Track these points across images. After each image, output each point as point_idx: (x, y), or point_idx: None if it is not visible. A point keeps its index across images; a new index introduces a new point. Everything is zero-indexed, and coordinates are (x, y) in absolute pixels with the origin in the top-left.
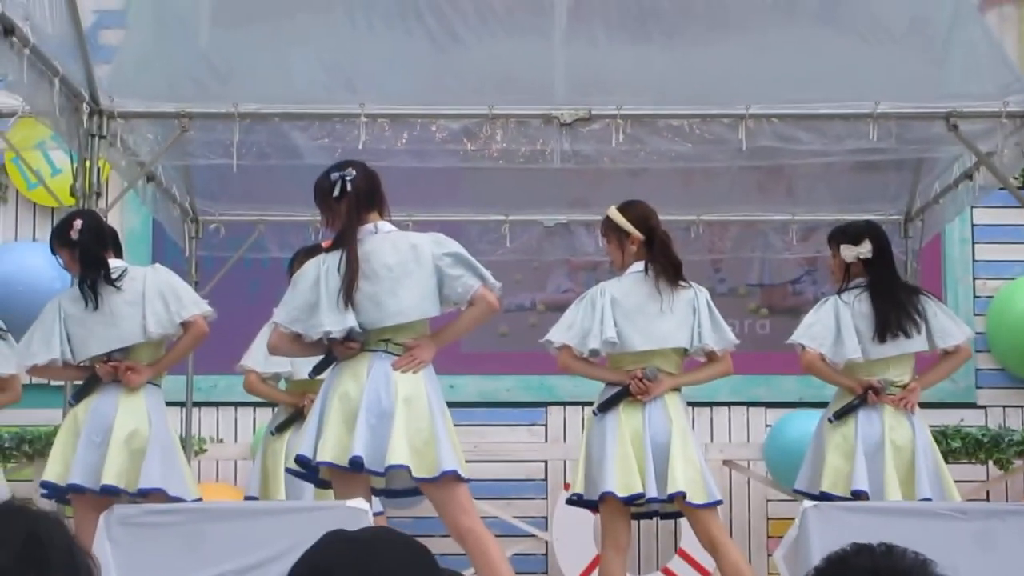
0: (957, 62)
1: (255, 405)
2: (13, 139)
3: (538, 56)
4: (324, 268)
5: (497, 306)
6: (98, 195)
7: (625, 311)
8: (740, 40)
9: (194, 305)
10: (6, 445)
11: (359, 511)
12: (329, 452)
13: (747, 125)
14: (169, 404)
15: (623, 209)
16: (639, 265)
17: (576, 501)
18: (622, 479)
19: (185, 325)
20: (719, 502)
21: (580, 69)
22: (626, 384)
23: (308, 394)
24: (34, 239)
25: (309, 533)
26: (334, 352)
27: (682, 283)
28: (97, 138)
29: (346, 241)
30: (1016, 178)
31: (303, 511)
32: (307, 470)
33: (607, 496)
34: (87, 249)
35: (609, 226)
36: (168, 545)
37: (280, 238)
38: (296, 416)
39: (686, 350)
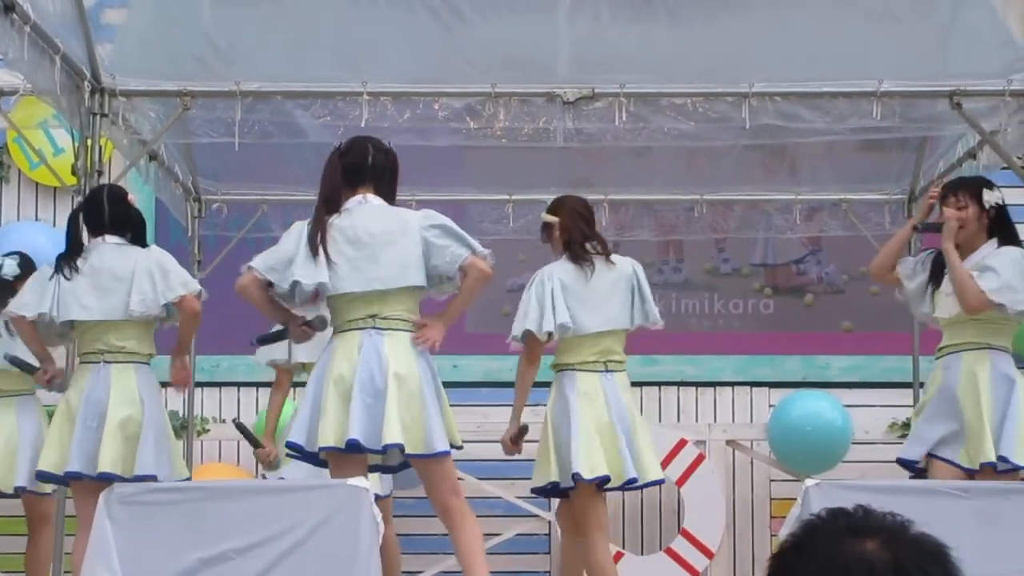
0: (961, 41)
1: (257, 385)
2: (15, 118)
3: (541, 34)
4: (307, 227)
5: (490, 272)
6: (100, 173)
7: (574, 294)
8: (743, 18)
9: (181, 286)
10: None
11: (360, 490)
12: (330, 437)
13: (750, 103)
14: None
15: (551, 209)
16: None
17: (550, 490)
18: (588, 461)
19: (176, 306)
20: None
21: (583, 47)
22: None
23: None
24: (36, 219)
25: (310, 511)
26: (290, 329)
27: (612, 259)
28: (99, 116)
29: (327, 205)
30: (1020, 157)
31: (304, 490)
32: (303, 454)
33: (582, 480)
34: (71, 222)
35: (542, 229)
36: (169, 524)
37: (283, 217)
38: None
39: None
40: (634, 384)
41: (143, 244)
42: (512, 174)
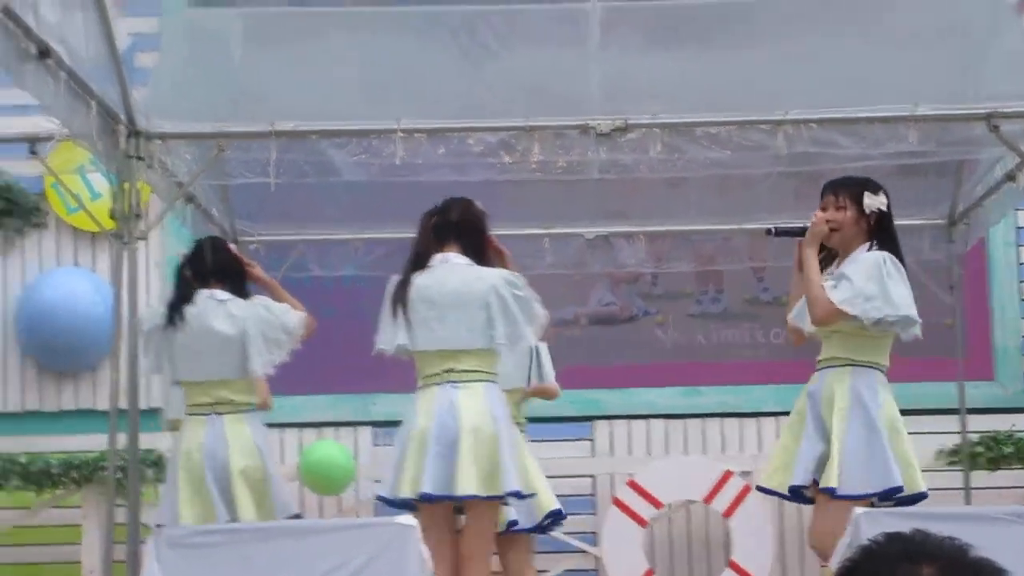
0: (996, 62)
1: (301, 426)
2: (52, 164)
3: (572, 67)
4: (389, 290)
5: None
6: (138, 217)
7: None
8: (776, 46)
9: (291, 333)
10: (54, 471)
11: (407, 527)
12: (407, 488)
13: (785, 131)
14: None
15: None
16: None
17: None
18: None
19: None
20: None
21: (615, 78)
22: None
23: None
24: (75, 264)
25: (358, 550)
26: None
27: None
28: (135, 160)
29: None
30: None
31: (352, 528)
32: (390, 504)
33: None
34: (179, 273)
35: None
36: (218, 566)
37: (320, 257)
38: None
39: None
40: (676, 416)
41: (243, 293)
42: (548, 208)
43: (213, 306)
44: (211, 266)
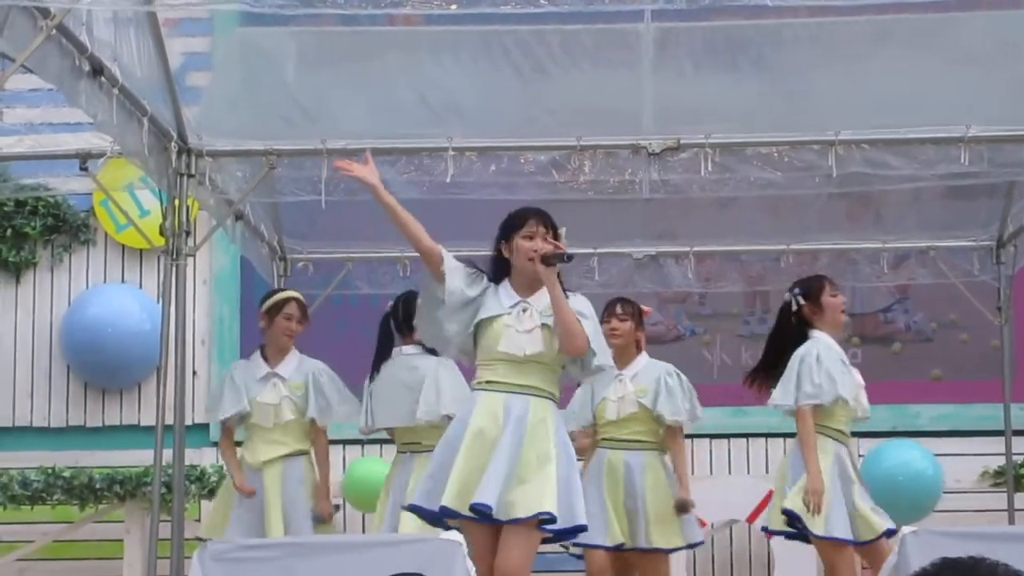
0: None
1: (344, 443)
2: (102, 180)
3: (625, 87)
4: None
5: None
6: (188, 234)
7: None
8: (828, 67)
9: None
10: (98, 487)
11: (453, 543)
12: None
13: (837, 151)
14: None
15: None
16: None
17: None
18: None
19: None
20: None
21: (668, 99)
22: None
23: None
24: (123, 281)
25: (402, 566)
26: None
27: None
28: (186, 177)
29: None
30: None
31: (396, 544)
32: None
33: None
34: (381, 326)
35: None
36: None
37: (368, 275)
38: None
39: None
40: (722, 436)
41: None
42: (597, 227)
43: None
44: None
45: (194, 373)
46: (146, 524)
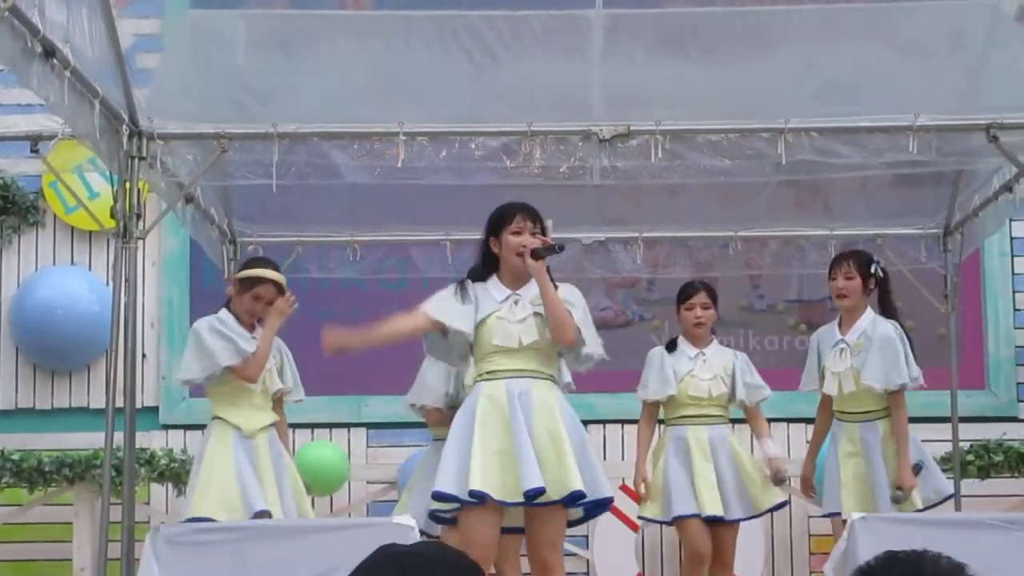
0: (996, 73)
1: (295, 427)
2: (52, 163)
3: (576, 73)
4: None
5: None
6: (139, 216)
7: None
8: (778, 55)
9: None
10: (47, 469)
11: (405, 527)
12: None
13: (786, 139)
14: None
15: None
16: None
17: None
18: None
19: None
20: None
21: (617, 85)
22: None
23: None
24: (72, 263)
25: (356, 550)
26: None
27: None
28: (137, 160)
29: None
30: None
31: (349, 528)
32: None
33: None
34: None
35: None
36: (215, 564)
37: (319, 259)
38: None
39: None
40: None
41: None
42: (548, 212)
43: None
44: None
45: (144, 356)
46: (95, 507)
